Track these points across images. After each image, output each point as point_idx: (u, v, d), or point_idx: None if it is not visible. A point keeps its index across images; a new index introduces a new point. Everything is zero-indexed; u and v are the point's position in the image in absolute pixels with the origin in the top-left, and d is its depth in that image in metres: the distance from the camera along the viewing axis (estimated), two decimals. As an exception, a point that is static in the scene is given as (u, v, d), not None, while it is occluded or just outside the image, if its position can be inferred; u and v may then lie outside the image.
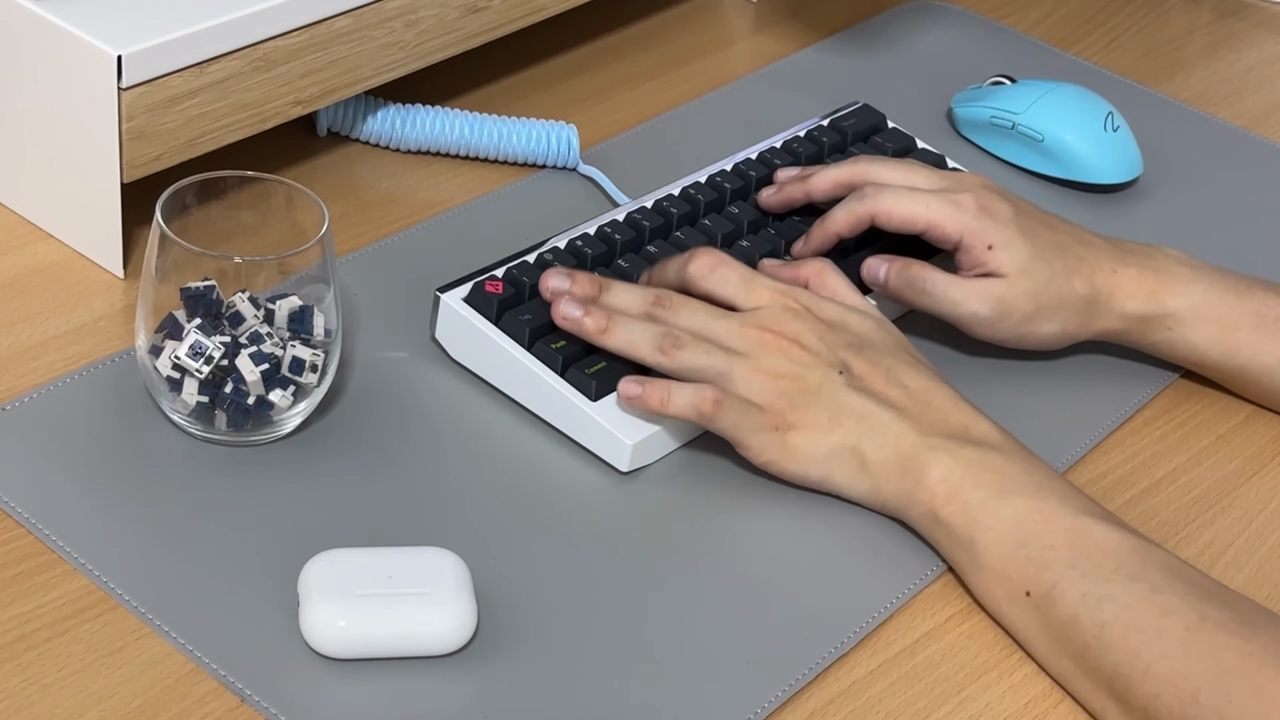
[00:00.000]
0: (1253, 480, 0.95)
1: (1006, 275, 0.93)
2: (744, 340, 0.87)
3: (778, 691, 0.78)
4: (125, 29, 0.90)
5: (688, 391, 0.86)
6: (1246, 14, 1.40)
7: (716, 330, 0.87)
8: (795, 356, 0.86)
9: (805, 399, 0.86)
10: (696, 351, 0.86)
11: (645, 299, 0.89)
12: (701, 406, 0.86)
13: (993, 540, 0.82)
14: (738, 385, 0.86)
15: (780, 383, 0.86)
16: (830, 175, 0.98)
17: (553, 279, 0.89)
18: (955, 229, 0.94)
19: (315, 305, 0.85)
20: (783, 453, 0.86)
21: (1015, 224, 0.94)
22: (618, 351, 0.88)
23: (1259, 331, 0.95)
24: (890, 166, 0.97)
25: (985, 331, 0.95)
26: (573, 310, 0.88)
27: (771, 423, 0.86)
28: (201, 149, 0.94)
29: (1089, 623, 0.78)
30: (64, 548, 0.79)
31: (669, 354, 0.86)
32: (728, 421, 0.86)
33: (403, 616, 0.76)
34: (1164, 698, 0.75)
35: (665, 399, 0.86)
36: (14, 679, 0.74)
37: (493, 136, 1.08)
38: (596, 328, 0.87)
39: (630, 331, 0.87)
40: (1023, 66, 1.25)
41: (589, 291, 0.89)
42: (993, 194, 0.95)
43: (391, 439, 0.88)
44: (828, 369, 0.86)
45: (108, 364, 0.89)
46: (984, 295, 0.93)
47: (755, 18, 1.29)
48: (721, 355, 0.86)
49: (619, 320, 0.87)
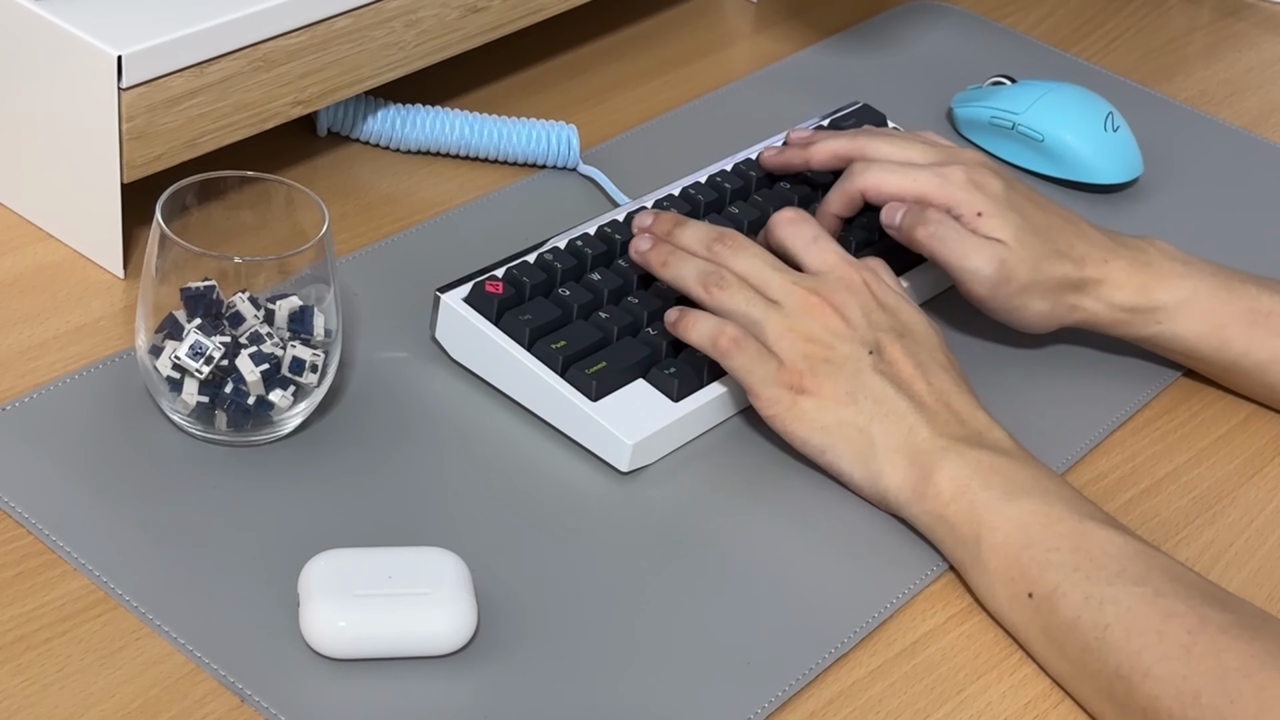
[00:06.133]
0: (1253, 480, 0.95)
1: (1004, 241, 0.94)
2: (789, 296, 0.88)
3: (778, 692, 0.78)
4: (125, 29, 0.90)
5: (710, 323, 0.88)
6: (1246, 14, 1.40)
7: (768, 280, 0.88)
8: (832, 325, 0.87)
9: (828, 368, 0.86)
10: (738, 295, 0.88)
11: (710, 235, 0.91)
12: (719, 340, 0.87)
13: (998, 540, 0.82)
14: (768, 336, 0.87)
15: (809, 346, 0.86)
16: (829, 146, 1.00)
17: (641, 216, 0.94)
18: (942, 200, 0.95)
19: (315, 305, 0.85)
20: (790, 411, 0.86)
21: (1006, 199, 0.95)
22: (669, 283, 0.91)
23: (1251, 327, 0.95)
24: (886, 141, 0.98)
25: (983, 292, 0.94)
26: (642, 243, 0.92)
27: (787, 380, 0.86)
28: (201, 149, 0.94)
29: (1091, 625, 0.78)
30: (64, 548, 0.79)
31: (710, 291, 0.88)
32: (740, 362, 0.87)
33: (403, 616, 0.76)
34: (1164, 699, 0.75)
35: (690, 325, 0.88)
36: (14, 679, 0.74)
37: (493, 136, 1.08)
38: (659, 260, 0.91)
39: (683, 265, 0.90)
40: (1023, 66, 1.25)
41: (665, 228, 0.92)
42: (985, 169, 0.96)
43: (391, 439, 0.88)
44: (859, 346, 0.87)
45: (108, 364, 0.89)
46: (990, 253, 0.94)
47: (755, 18, 1.29)
48: (762, 305, 0.87)
49: (678, 255, 0.90)
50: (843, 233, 1.00)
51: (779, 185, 1.04)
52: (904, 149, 0.98)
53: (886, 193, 0.96)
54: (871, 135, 0.99)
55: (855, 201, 0.97)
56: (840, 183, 0.98)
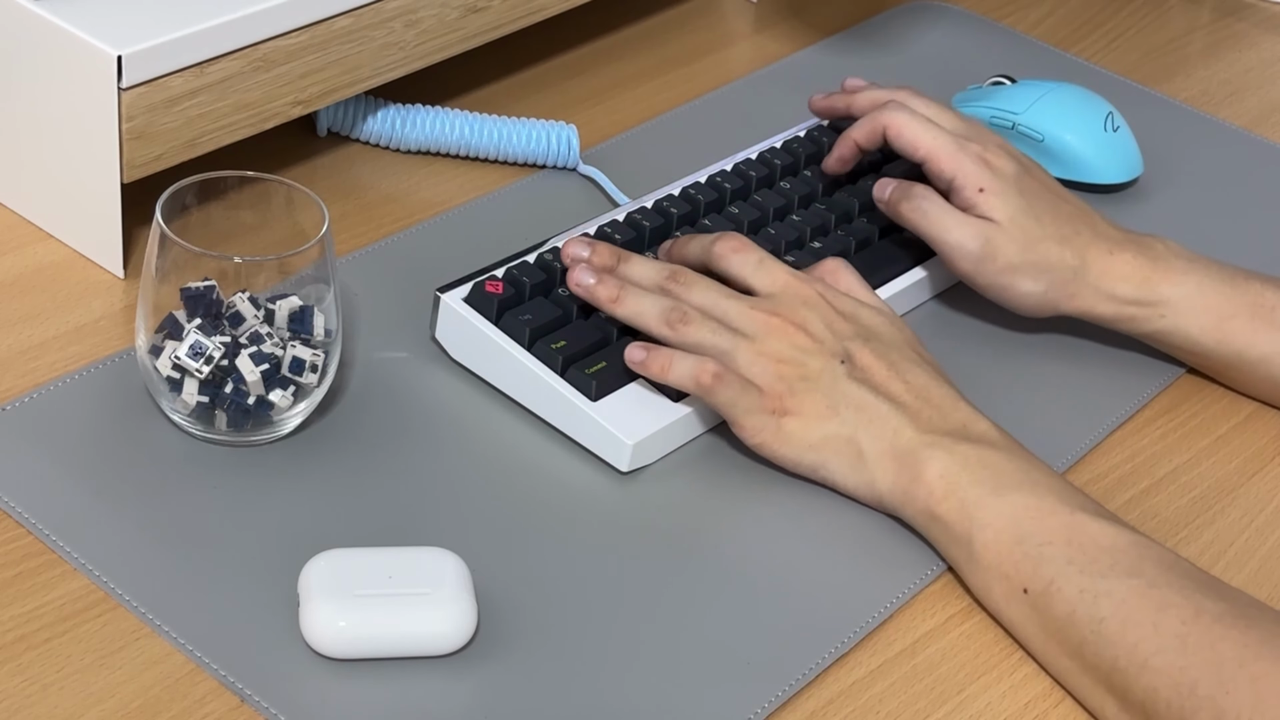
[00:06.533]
0: (1253, 480, 0.95)
1: (996, 221, 0.95)
2: (751, 322, 0.87)
3: (778, 692, 0.78)
4: (125, 29, 0.90)
5: (689, 362, 0.87)
6: (1246, 14, 1.40)
7: (726, 310, 0.88)
8: (799, 342, 0.87)
9: (805, 385, 0.86)
10: (703, 329, 0.87)
11: (660, 273, 0.90)
12: (701, 378, 0.86)
13: (990, 537, 0.82)
14: (740, 366, 0.86)
15: (781, 367, 0.86)
16: (872, 94, 1.03)
17: (573, 246, 0.91)
18: (950, 166, 0.96)
19: (315, 305, 0.85)
20: (776, 436, 0.86)
21: (1014, 181, 0.96)
22: (626, 320, 0.89)
23: (1254, 321, 0.95)
24: (923, 101, 1.01)
25: (968, 267, 0.96)
26: (587, 278, 0.89)
27: (769, 406, 0.86)
28: (201, 149, 0.94)
29: (1086, 618, 0.78)
30: (64, 548, 0.79)
31: (675, 328, 0.87)
32: (724, 397, 0.86)
33: (403, 616, 0.76)
34: (1162, 690, 0.75)
35: (666, 366, 0.87)
36: (14, 679, 0.74)
37: (493, 136, 1.08)
38: (608, 296, 0.89)
39: (640, 302, 0.89)
40: (1023, 66, 1.25)
41: (607, 261, 0.91)
42: (1003, 151, 0.98)
43: (391, 439, 0.88)
44: (829, 357, 0.87)
45: (108, 364, 0.89)
46: (975, 231, 0.95)
47: (755, 18, 1.29)
48: (727, 335, 0.87)
49: (631, 291, 0.89)
50: (840, 233, 1.01)
51: (779, 185, 1.04)
52: (938, 112, 1.00)
53: (905, 138, 0.98)
54: (915, 93, 1.02)
55: (877, 135, 1.00)
56: (870, 115, 1.00)
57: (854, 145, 1.01)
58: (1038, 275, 0.95)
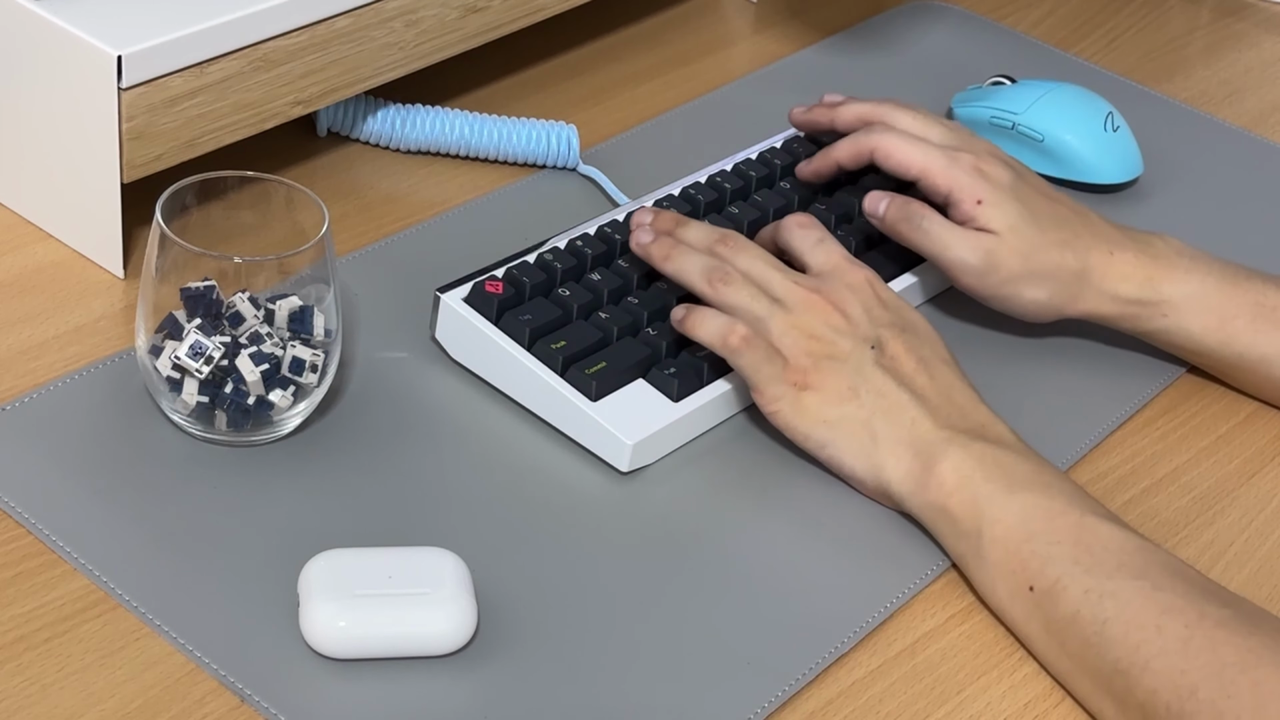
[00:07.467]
0: (1253, 480, 0.95)
1: (996, 232, 0.95)
2: (792, 294, 0.88)
3: (778, 692, 0.78)
4: (125, 29, 0.90)
5: (720, 321, 0.88)
6: (1246, 14, 1.40)
7: (770, 279, 0.89)
8: (834, 322, 0.88)
9: (831, 364, 0.87)
10: (743, 291, 0.88)
11: (712, 236, 0.92)
12: (729, 339, 0.87)
13: (999, 533, 0.82)
14: (772, 334, 0.87)
15: (811, 343, 0.87)
16: (855, 109, 1.02)
17: (640, 214, 0.94)
18: (944, 182, 0.96)
19: (315, 305, 0.85)
20: (793, 407, 0.87)
21: (1011, 189, 0.96)
22: (672, 277, 0.91)
23: (1257, 320, 0.95)
24: (909, 115, 1.00)
25: (971, 282, 0.95)
26: (645, 236, 0.92)
27: (791, 378, 0.87)
28: (201, 149, 0.94)
29: (1090, 619, 0.78)
30: (64, 548, 0.79)
31: (715, 287, 0.89)
32: (748, 360, 0.87)
33: (403, 616, 0.76)
34: (1162, 693, 0.75)
35: (699, 322, 0.88)
36: (14, 679, 0.74)
37: (493, 136, 1.08)
38: (660, 254, 0.91)
39: (687, 260, 0.90)
40: (1023, 66, 1.25)
41: (668, 225, 0.93)
42: (995, 159, 0.97)
43: (391, 439, 0.88)
44: (861, 341, 0.87)
45: (108, 364, 0.89)
46: (976, 245, 0.95)
47: (755, 18, 1.29)
48: (765, 302, 0.88)
49: (681, 250, 0.91)
50: (841, 233, 1.01)
51: (779, 185, 1.04)
52: (925, 126, 0.99)
53: (895, 160, 0.97)
54: (898, 106, 1.01)
55: (863, 157, 0.99)
56: (856, 135, 1.00)
57: (834, 164, 1.01)
58: (1041, 282, 0.95)
